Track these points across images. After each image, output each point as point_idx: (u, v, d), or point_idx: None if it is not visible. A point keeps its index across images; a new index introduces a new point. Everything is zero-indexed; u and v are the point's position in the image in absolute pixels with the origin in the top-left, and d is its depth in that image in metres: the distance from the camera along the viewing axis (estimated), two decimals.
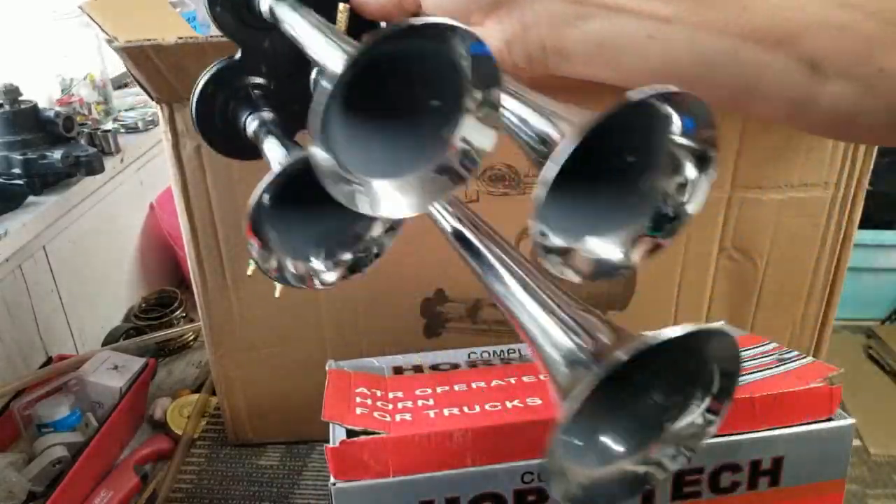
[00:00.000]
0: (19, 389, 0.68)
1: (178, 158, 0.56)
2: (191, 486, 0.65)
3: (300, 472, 0.66)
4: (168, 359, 0.84)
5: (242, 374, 0.65)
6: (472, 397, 0.47)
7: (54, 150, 0.77)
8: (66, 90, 1.01)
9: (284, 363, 0.65)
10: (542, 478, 0.41)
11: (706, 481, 0.46)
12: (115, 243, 0.93)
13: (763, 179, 0.59)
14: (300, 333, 0.63)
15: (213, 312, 0.62)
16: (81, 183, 0.82)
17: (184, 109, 0.54)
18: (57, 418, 0.65)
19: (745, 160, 0.58)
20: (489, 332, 0.64)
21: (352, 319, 0.63)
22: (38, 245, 0.77)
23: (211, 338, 0.63)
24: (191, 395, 0.75)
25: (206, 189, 0.57)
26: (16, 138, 0.77)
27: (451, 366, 0.53)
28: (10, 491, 0.58)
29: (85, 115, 1.00)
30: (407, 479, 0.42)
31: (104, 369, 0.71)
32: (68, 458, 0.62)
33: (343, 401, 0.46)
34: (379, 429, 0.43)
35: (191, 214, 0.58)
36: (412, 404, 0.46)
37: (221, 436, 0.70)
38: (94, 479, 0.63)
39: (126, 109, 1.06)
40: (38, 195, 0.78)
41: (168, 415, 0.72)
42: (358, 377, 0.50)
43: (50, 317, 0.79)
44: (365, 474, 0.42)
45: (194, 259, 0.60)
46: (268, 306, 0.62)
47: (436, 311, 0.63)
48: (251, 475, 0.66)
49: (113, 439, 0.67)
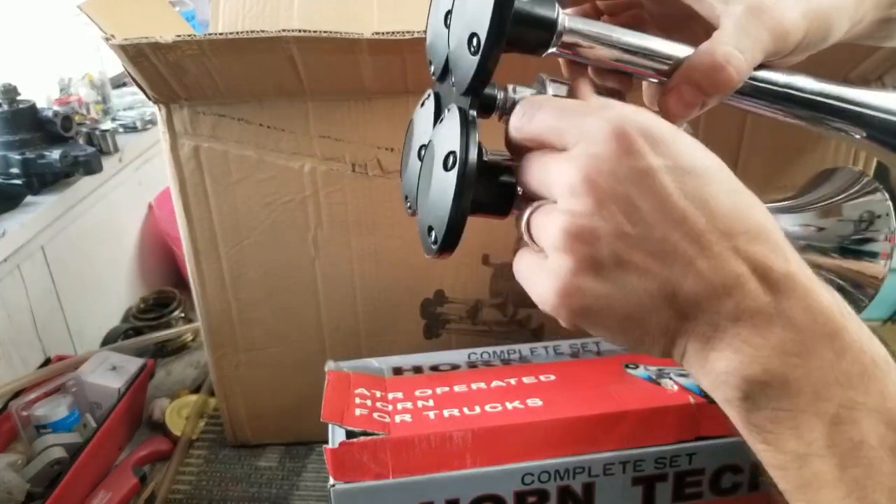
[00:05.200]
0: (18, 390, 0.67)
1: (175, 159, 0.56)
2: (189, 487, 0.65)
3: (299, 473, 0.66)
4: (167, 359, 0.84)
5: (241, 374, 0.65)
6: (471, 398, 0.47)
7: (53, 150, 0.77)
8: (65, 90, 1.01)
9: (284, 364, 0.65)
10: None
11: (707, 482, 0.45)
12: (113, 243, 0.93)
13: (766, 180, 0.58)
14: (299, 334, 0.63)
15: (211, 313, 0.62)
16: (80, 183, 0.82)
17: (181, 110, 0.54)
18: (55, 419, 0.65)
19: (747, 160, 0.58)
20: (489, 333, 0.64)
21: (351, 320, 0.63)
22: (36, 245, 0.77)
23: (210, 338, 0.63)
24: (189, 396, 0.75)
25: (205, 189, 0.57)
26: (14, 138, 0.77)
27: (450, 367, 0.53)
28: (8, 492, 0.58)
29: (83, 114, 0.99)
30: (406, 480, 0.42)
31: (103, 370, 0.71)
32: (67, 458, 0.62)
33: (342, 402, 0.46)
34: (378, 430, 0.43)
35: (189, 214, 0.58)
36: (412, 405, 0.46)
37: (220, 437, 0.70)
38: (92, 479, 0.63)
39: (125, 109, 1.06)
40: (37, 195, 0.78)
41: (167, 415, 0.72)
42: (357, 378, 0.50)
43: (48, 317, 0.79)
44: (364, 475, 0.42)
45: (193, 259, 0.59)
46: (267, 307, 0.62)
47: (435, 312, 0.63)
48: (250, 476, 0.66)
49: (111, 440, 0.67)
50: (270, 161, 0.56)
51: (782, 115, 0.37)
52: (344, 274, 0.61)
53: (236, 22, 0.61)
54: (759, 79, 0.35)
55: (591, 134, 0.29)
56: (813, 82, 0.36)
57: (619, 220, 0.28)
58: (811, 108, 0.36)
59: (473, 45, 0.31)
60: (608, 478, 0.44)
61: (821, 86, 0.36)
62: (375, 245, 0.59)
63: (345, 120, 0.55)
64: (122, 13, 0.53)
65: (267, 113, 0.54)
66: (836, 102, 0.36)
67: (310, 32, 0.48)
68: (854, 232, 0.41)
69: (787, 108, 0.36)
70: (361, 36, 0.48)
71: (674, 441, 0.44)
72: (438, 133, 0.34)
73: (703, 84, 0.33)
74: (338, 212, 0.58)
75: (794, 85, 0.36)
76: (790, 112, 0.37)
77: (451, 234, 0.32)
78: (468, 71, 0.31)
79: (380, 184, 0.57)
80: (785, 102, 0.36)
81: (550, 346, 0.55)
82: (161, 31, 0.48)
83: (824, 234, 0.42)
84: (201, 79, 0.51)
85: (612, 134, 0.28)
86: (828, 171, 0.47)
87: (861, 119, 0.36)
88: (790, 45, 0.34)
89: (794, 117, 0.37)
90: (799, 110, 0.36)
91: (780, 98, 0.36)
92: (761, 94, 0.36)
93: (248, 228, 0.58)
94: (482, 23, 0.30)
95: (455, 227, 0.31)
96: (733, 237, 0.28)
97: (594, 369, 0.51)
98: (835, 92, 0.36)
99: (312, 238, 0.59)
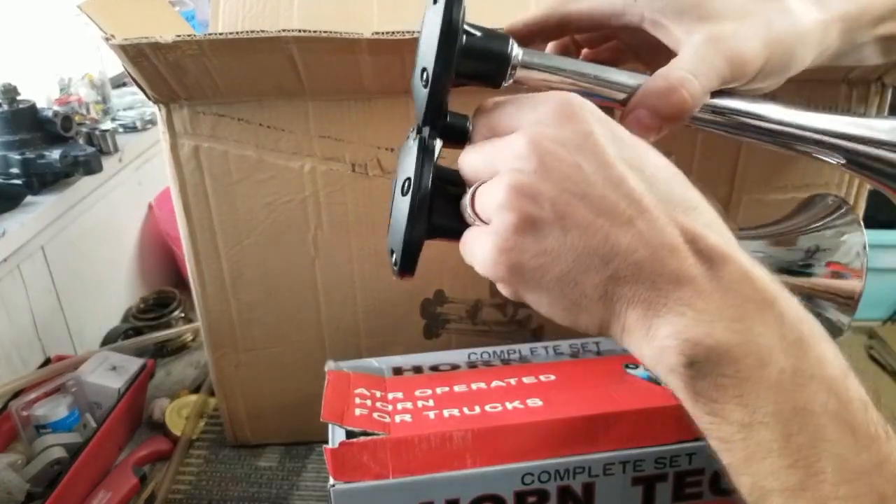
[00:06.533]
0: (18, 390, 0.67)
1: (175, 159, 0.56)
2: (189, 487, 0.65)
3: (299, 473, 0.66)
4: (167, 359, 0.84)
5: (241, 374, 0.65)
6: (471, 398, 0.47)
7: (52, 150, 0.77)
8: (65, 89, 1.01)
9: (284, 364, 0.65)
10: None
11: (707, 482, 0.45)
12: (113, 243, 0.93)
13: (765, 180, 0.58)
14: (299, 334, 0.63)
15: (211, 313, 0.62)
16: (80, 183, 0.82)
17: (181, 110, 0.54)
18: (55, 419, 0.65)
19: (748, 161, 0.58)
20: (489, 333, 0.64)
21: (351, 320, 0.63)
22: (36, 245, 0.77)
23: (209, 338, 0.63)
24: (189, 396, 0.75)
25: (205, 189, 0.57)
26: (14, 138, 0.77)
27: (450, 366, 0.53)
28: (8, 492, 0.58)
29: (83, 114, 0.99)
30: (406, 480, 0.42)
31: (103, 370, 0.71)
32: (67, 458, 0.62)
33: (342, 401, 0.46)
34: (378, 430, 0.43)
35: (189, 214, 0.58)
36: (412, 405, 0.46)
37: (220, 437, 0.70)
38: (92, 479, 0.63)
39: (125, 109, 1.06)
40: (37, 195, 0.77)
41: (167, 415, 0.72)
42: (357, 378, 0.50)
43: (48, 317, 0.79)
44: (364, 475, 0.42)
45: (192, 259, 0.59)
46: (267, 307, 0.62)
47: (435, 311, 0.63)
48: (250, 476, 0.66)
49: (111, 440, 0.67)
50: (270, 161, 0.56)
51: (756, 141, 0.37)
52: (344, 274, 0.61)
53: (236, 22, 0.61)
54: (720, 106, 0.36)
55: (539, 108, 0.31)
56: (780, 110, 0.36)
57: (561, 178, 0.29)
58: (777, 137, 0.37)
59: (424, 79, 0.32)
60: (608, 478, 0.44)
61: (788, 114, 0.36)
62: (375, 245, 0.59)
63: (345, 120, 0.55)
64: (122, 13, 0.53)
65: (267, 113, 0.54)
66: (805, 133, 0.36)
67: (310, 32, 0.48)
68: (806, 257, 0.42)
69: (754, 136, 0.37)
70: (361, 36, 0.48)
71: (674, 441, 0.44)
72: (401, 161, 0.35)
73: (657, 107, 0.35)
74: (338, 212, 0.58)
75: (757, 113, 0.36)
76: (760, 139, 0.37)
77: (406, 257, 0.33)
78: (422, 103, 0.33)
79: (380, 184, 0.57)
80: (750, 130, 0.37)
81: (550, 346, 0.55)
82: (161, 31, 0.48)
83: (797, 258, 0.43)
84: (201, 79, 0.51)
85: (557, 104, 0.30)
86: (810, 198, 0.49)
87: (836, 148, 0.37)
88: (749, 72, 0.35)
89: (767, 143, 0.37)
90: (766, 137, 0.37)
91: (744, 126, 0.37)
92: (724, 121, 0.37)
93: (248, 228, 0.58)
94: (430, 57, 0.32)
95: (410, 249, 0.33)
96: (670, 205, 0.29)
97: (594, 369, 0.51)
98: (803, 121, 0.36)
99: (312, 238, 0.59)
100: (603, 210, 0.29)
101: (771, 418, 0.27)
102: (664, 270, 0.28)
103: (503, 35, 0.35)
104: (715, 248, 0.28)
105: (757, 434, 0.27)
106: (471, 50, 0.33)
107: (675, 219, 0.29)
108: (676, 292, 0.28)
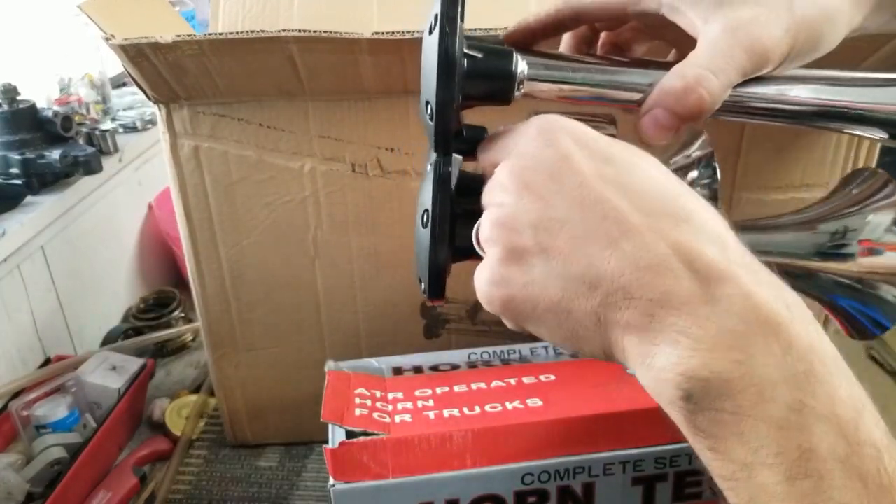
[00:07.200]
0: (17, 390, 0.67)
1: (175, 159, 0.56)
2: (189, 487, 0.65)
3: (299, 473, 0.66)
4: (167, 359, 0.84)
5: (241, 374, 0.65)
6: (471, 398, 0.47)
7: (52, 150, 0.77)
8: (65, 89, 1.00)
9: (284, 364, 0.65)
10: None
11: (707, 482, 0.45)
12: (113, 243, 0.93)
13: (765, 180, 0.58)
14: (299, 334, 0.63)
15: (211, 313, 0.62)
16: (80, 183, 0.82)
17: (181, 110, 0.54)
18: (55, 419, 0.65)
19: (748, 161, 0.58)
20: (489, 333, 0.64)
21: (351, 320, 0.63)
22: (36, 245, 0.76)
23: (209, 338, 0.63)
24: (189, 396, 0.75)
25: (205, 189, 0.57)
26: (14, 138, 0.77)
27: (450, 367, 0.53)
28: (8, 492, 0.58)
29: (83, 114, 0.99)
30: (406, 480, 0.42)
31: (102, 370, 0.71)
32: (67, 458, 0.62)
33: (342, 402, 0.46)
34: (378, 430, 0.43)
35: (189, 215, 0.58)
36: (412, 405, 0.46)
37: (220, 437, 0.70)
38: (92, 479, 0.63)
39: (125, 109, 1.06)
40: (37, 195, 0.77)
41: (167, 415, 0.72)
42: (357, 378, 0.50)
43: (48, 317, 0.79)
44: (364, 475, 0.42)
45: (192, 259, 0.59)
46: (266, 307, 0.62)
47: (435, 311, 0.63)
48: (250, 476, 0.66)
49: (111, 440, 0.67)
50: (270, 161, 0.56)
51: (787, 124, 0.36)
52: (344, 274, 0.61)
53: (236, 22, 0.61)
54: (746, 94, 0.34)
55: (520, 138, 0.30)
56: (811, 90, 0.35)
57: (539, 205, 0.28)
58: (810, 119, 0.35)
59: (429, 112, 0.32)
60: (608, 478, 0.44)
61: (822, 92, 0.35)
62: (375, 245, 0.59)
63: (345, 120, 0.55)
64: (122, 13, 0.53)
65: (267, 113, 0.54)
66: (840, 108, 0.35)
67: (309, 32, 0.48)
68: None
69: (785, 121, 0.36)
70: (361, 36, 0.48)
71: (674, 441, 0.44)
72: (421, 189, 0.35)
73: (674, 107, 0.33)
74: (338, 212, 0.58)
75: (786, 98, 0.35)
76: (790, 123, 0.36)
77: (434, 284, 0.35)
78: (430, 133, 0.33)
79: (380, 184, 0.57)
80: (779, 116, 0.35)
81: (550, 346, 0.55)
82: (161, 31, 0.48)
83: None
84: (201, 79, 0.51)
85: (537, 131, 0.30)
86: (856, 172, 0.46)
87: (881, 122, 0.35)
88: (773, 61, 0.33)
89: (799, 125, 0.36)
90: (798, 121, 0.35)
91: (773, 112, 0.35)
92: (752, 109, 0.35)
93: (248, 228, 0.58)
94: (432, 90, 0.32)
95: (436, 278, 0.34)
96: (657, 219, 0.27)
97: (594, 369, 0.51)
98: (836, 97, 0.35)
99: (312, 238, 0.59)
100: (584, 234, 0.27)
101: (774, 459, 0.25)
102: (655, 294, 0.26)
103: (506, 52, 0.34)
104: (712, 266, 0.26)
105: (759, 475, 0.25)
106: (474, 74, 0.33)
107: (665, 235, 0.27)
108: (670, 317, 0.26)
